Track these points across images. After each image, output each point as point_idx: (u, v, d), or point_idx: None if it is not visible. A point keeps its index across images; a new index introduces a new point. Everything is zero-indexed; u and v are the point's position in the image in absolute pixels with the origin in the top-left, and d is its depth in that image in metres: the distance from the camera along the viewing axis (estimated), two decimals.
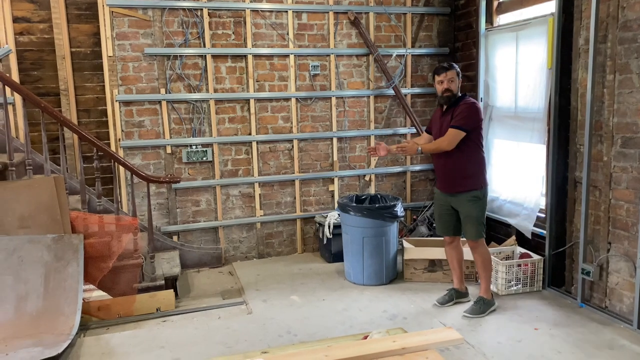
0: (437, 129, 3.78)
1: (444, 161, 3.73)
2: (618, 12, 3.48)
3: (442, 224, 3.93)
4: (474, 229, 3.72)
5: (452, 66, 3.70)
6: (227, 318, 3.83)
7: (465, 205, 3.70)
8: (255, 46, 4.92)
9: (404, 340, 2.64)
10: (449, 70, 3.66)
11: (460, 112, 3.60)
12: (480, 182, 3.71)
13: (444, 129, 3.67)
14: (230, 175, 5.02)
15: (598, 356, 3.10)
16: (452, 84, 3.66)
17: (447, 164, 3.72)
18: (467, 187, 3.67)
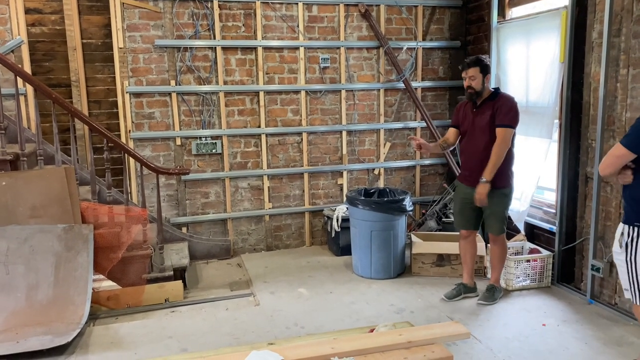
0: (468, 125, 3.75)
1: (478, 156, 3.68)
2: (633, 5, 3.42)
3: (463, 218, 3.91)
4: (499, 224, 3.76)
5: (475, 62, 3.62)
6: (234, 309, 3.85)
7: (492, 201, 3.67)
8: (265, 38, 4.91)
9: (411, 334, 2.65)
10: (470, 68, 3.62)
11: (505, 108, 3.58)
12: (509, 180, 3.71)
13: (480, 125, 3.65)
14: (240, 168, 5.03)
15: (606, 353, 3.08)
16: (473, 82, 3.63)
17: (481, 160, 3.65)
18: (498, 183, 3.65)
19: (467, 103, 3.82)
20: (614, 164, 2.49)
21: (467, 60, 3.68)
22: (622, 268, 2.61)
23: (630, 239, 2.52)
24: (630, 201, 2.54)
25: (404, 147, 5.52)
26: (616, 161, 2.48)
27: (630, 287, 2.58)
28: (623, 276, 2.63)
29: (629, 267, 2.55)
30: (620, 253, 2.60)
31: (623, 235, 2.57)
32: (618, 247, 2.60)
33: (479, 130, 3.68)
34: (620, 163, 2.47)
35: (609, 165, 2.51)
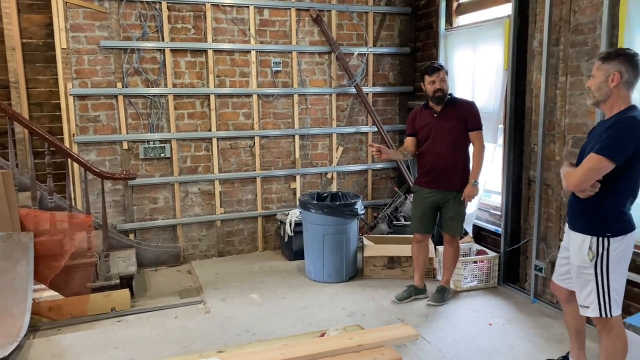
0: (430, 130, 3.79)
1: (446, 159, 3.77)
2: (570, 15, 3.59)
3: (422, 222, 3.94)
4: (459, 226, 3.90)
5: (443, 66, 3.82)
6: (184, 317, 3.76)
7: (456, 203, 3.80)
8: (215, 41, 4.84)
9: (360, 337, 2.65)
10: (441, 70, 3.75)
11: (474, 113, 3.77)
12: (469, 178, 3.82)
13: (445, 128, 3.73)
14: (190, 172, 4.93)
15: (548, 350, 3.19)
16: (444, 84, 3.74)
17: (448, 163, 3.77)
18: (462, 187, 3.77)
19: (422, 110, 3.89)
20: (593, 177, 2.35)
21: (436, 65, 3.79)
22: (589, 282, 2.45)
23: (603, 249, 2.41)
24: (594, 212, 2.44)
25: (356, 152, 5.56)
26: (597, 174, 2.34)
27: (598, 300, 2.43)
28: (587, 291, 2.47)
29: (600, 280, 2.42)
30: (587, 267, 2.45)
31: (591, 249, 2.42)
32: (585, 261, 2.44)
33: (444, 134, 3.75)
34: (600, 175, 2.35)
35: (587, 179, 2.35)
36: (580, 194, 2.44)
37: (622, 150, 2.30)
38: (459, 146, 3.76)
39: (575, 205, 2.55)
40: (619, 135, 2.31)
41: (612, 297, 2.43)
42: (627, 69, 2.36)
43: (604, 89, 2.41)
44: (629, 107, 2.41)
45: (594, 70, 2.46)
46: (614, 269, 2.42)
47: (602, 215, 2.43)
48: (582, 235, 2.49)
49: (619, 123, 2.35)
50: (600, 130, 2.42)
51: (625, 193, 2.42)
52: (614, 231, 2.42)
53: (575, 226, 2.56)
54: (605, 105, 2.46)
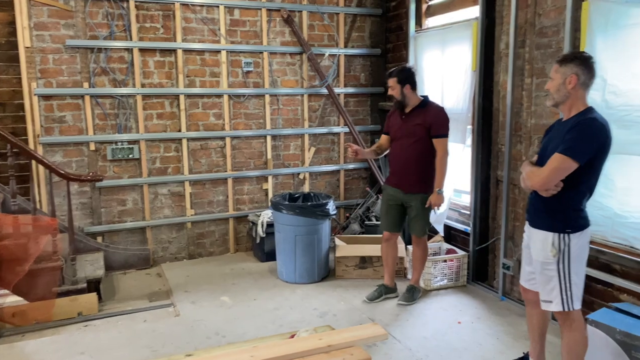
0: (397, 131, 3.87)
1: (406, 161, 3.82)
2: (535, 18, 3.66)
3: (387, 220, 4.01)
4: (421, 226, 3.92)
5: (392, 74, 3.81)
6: (153, 321, 3.70)
7: (418, 204, 3.83)
8: (185, 41, 4.79)
9: (330, 338, 2.65)
10: (389, 78, 3.81)
11: (440, 119, 3.75)
12: (432, 185, 3.82)
13: (408, 131, 3.78)
14: (159, 174, 4.86)
15: (516, 347, 3.25)
16: (392, 91, 3.80)
17: (408, 165, 3.81)
18: (425, 189, 3.81)
19: (396, 110, 3.92)
20: (558, 177, 2.42)
21: (392, 70, 3.84)
22: (552, 278, 2.52)
23: (565, 245, 2.48)
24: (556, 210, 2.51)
25: (328, 152, 5.57)
26: (562, 174, 2.41)
27: (560, 294, 2.50)
28: (550, 286, 2.54)
29: (562, 275, 2.49)
30: (550, 263, 2.52)
31: (554, 245, 2.50)
32: (548, 257, 2.51)
33: (407, 136, 3.80)
34: (564, 175, 2.41)
35: (553, 178, 2.42)
36: (544, 193, 2.50)
37: (585, 151, 2.38)
38: (420, 150, 3.75)
39: (536, 203, 2.61)
40: (582, 137, 2.39)
41: (573, 291, 2.51)
42: (583, 71, 2.45)
43: (562, 91, 2.49)
44: (587, 108, 2.49)
45: (552, 73, 2.54)
46: (574, 263, 2.50)
47: (563, 212, 2.50)
48: (544, 233, 2.55)
49: (581, 124, 2.41)
50: (562, 131, 2.49)
51: (585, 191, 2.51)
52: (574, 227, 2.49)
53: (536, 224, 2.62)
54: (564, 107, 2.54)
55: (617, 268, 3.21)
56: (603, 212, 3.21)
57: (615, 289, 3.24)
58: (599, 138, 2.40)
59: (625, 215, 3.09)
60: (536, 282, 2.69)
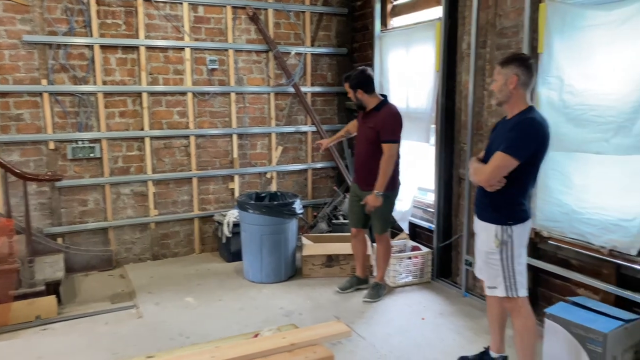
0: (358, 130, 4.01)
1: (364, 161, 3.91)
2: (495, 19, 3.73)
3: (352, 216, 4.12)
4: (380, 223, 3.96)
5: (346, 79, 3.96)
6: (115, 323, 3.63)
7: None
8: (148, 38, 4.70)
9: (294, 336, 2.64)
10: (344, 83, 3.99)
11: (388, 124, 3.75)
12: (391, 185, 3.86)
13: (364, 133, 3.87)
14: (121, 173, 4.76)
15: (477, 342, 3.30)
16: (350, 95, 3.91)
17: (366, 165, 3.88)
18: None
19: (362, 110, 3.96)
20: (501, 174, 2.55)
21: (350, 73, 3.95)
22: (496, 267, 2.67)
23: (507, 236, 2.61)
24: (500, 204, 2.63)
25: (295, 151, 5.56)
26: (504, 171, 2.54)
27: (504, 282, 2.65)
28: (495, 274, 2.68)
29: (506, 264, 2.63)
30: (494, 253, 2.66)
31: (497, 237, 2.63)
32: (492, 247, 2.66)
33: (364, 137, 3.89)
34: (506, 172, 2.54)
35: (495, 176, 2.55)
36: (489, 188, 2.63)
37: (525, 149, 2.52)
38: (373, 151, 3.79)
39: (482, 197, 2.74)
40: (521, 136, 2.54)
41: (517, 279, 2.66)
42: (522, 72, 2.59)
43: (504, 91, 2.63)
44: (527, 108, 2.63)
45: (495, 74, 2.67)
46: (516, 253, 2.64)
47: (506, 206, 2.65)
48: (488, 225, 2.69)
49: (521, 124, 2.56)
50: (504, 130, 2.63)
51: (526, 186, 2.65)
52: (516, 219, 2.64)
53: (482, 216, 2.77)
54: (508, 106, 2.68)
55: (575, 263, 3.31)
56: (561, 208, 3.29)
57: (573, 283, 3.33)
58: (537, 137, 2.54)
59: (582, 212, 3.18)
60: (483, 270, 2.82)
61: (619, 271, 3.02)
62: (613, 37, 2.90)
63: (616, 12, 2.87)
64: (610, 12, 2.91)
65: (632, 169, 2.90)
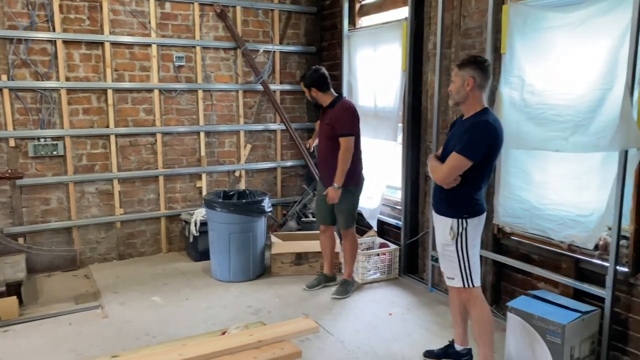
0: (320, 128, 4.04)
1: (324, 158, 3.99)
2: (460, 20, 3.81)
3: (319, 213, 4.18)
4: (346, 220, 4.01)
5: (301, 78, 4.04)
6: (79, 324, 3.56)
7: (340, 198, 3.89)
8: (113, 33, 4.62)
9: (261, 333, 2.65)
10: (300, 83, 4.03)
11: (342, 119, 3.82)
12: (353, 180, 3.92)
13: (322, 130, 3.95)
14: (86, 171, 4.66)
15: (443, 336, 3.36)
16: (306, 94, 3.99)
17: (327, 161, 3.94)
18: (345, 183, 3.87)
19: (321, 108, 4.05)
20: (456, 173, 2.67)
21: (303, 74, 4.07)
22: (452, 258, 2.79)
23: (462, 229, 2.73)
24: (455, 199, 2.76)
25: (264, 149, 5.55)
26: (459, 171, 2.66)
27: (461, 272, 2.78)
28: (452, 265, 2.81)
29: (461, 255, 2.75)
30: (450, 245, 2.78)
31: (452, 229, 2.75)
32: (448, 239, 2.77)
33: (323, 134, 3.97)
34: (461, 172, 2.66)
35: (451, 175, 2.68)
36: (445, 186, 2.75)
37: (478, 150, 2.64)
38: (331, 147, 3.86)
39: (439, 193, 2.85)
40: (475, 138, 2.65)
41: (472, 269, 2.77)
42: (479, 74, 2.68)
43: (462, 92, 2.72)
44: (483, 109, 2.73)
45: (453, 76, 2.77)
46: (470, 244, 2.75)
47: (461, 201, 2.76)
48: (445, 218, 2.81)
49: (476, 126, 2.67)
50: (461, 130, 2.73)
51: (480, 184, 2.76)
52: (471, 213, 2.75)
53: (439, 210, 2.87)
54: (464, 106, 2.77)
55: (536, 258, 3.41)
56: (522, 205, 3.39)
57: (534, 277, 3.43)
58: (490, 138, 2.65)
59: (542, 208, 3.28)
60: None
61: (577, 265, 3.13)
62: (571, 39, 3.00)
63: (574, 14, 2.97)
64: (569, 14, 3.01)
65: (589, 166, 3.01)
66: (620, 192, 2.79)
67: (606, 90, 2.83)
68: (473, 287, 2.79)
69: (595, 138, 2.88)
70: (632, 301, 2.90)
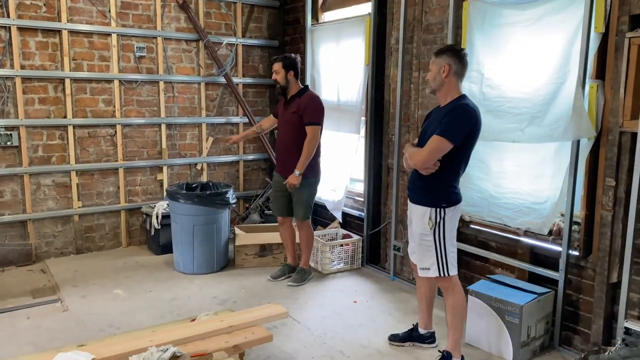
0: (280, 118, 4.07)
1: (285, 148, 4.01)
2: (422, 16, 3.93)
3: (277, 205, 4.20)
4: (302, 210, 4.05)
5: (278, 59, 4.00)
6: (38, 317, 3.45)
7: (297, 189, 3.95)
8: (71, 21, 4.49)
9: (231, 319, 2.68)
10: (275, 62, 3.97)
11: (311, 108, 3.89)
12: (314, 171, 4.00)
13: (287, 119, 3.97)
14: (42, 163, 4.52)
15: (406, 321, 3.46)
16: (277, 76, 3.94)
17: (290, 150, 3.95)
18: (304, 174, 3.92)
19: (282, 97, 4.07)
20: (436, 156, 2.64)
21: (277, 56, 4.00)
22: (429, 247, 2.76)
23: (440, 218, 2.74)
24: (434, 187, 2.75)
25: (227, 142, 5.51)
26: (439, 153, 2.64)
27: (437, 262, 2.76)
28: (428, 255, 2.78)
29: (438, 245, 2.75)
30: (428, 234, 2.76)
31: (431, 219, 2.73)
32: (426, 229, 2.75)
33: (287, 123, 4.00)
34: (441, 154, 2.64)
35: (432, 158, 2.64)
36: (424, 172, 2.74)
37: (459, 133, 2.66)
38: (296, 137, 3.91)
39: (416, 181, 2.85)
40: (456, 120, 2.67)
41: (449, 259, 2.78)
42: (455, 62, 2.75)
43: (438, 79, 2.78)
44: (460, 96, 2.79)
45: (430, 64, 2.83)
46: (448, 235, 2.78)
47: (439, 189, 2.77)
48: (423, 208, 2.80)
49: (456, 110, 2.71)
50: (439, 116, 2.76)
51: (458, 170, 2.79)
52: (449, 202, 2.78)
53: (416, 200, 2.87)
54: (441, 94, 2.82)
55: (493, 245, 3.57)
56: (480, 194, 3.54)
57: (491, 263, 3.59)
58: (470, 122, 2.69)
59: (499, 197, 3.44)
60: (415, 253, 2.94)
61: (532, 251, 3.30)
62: (527, 35, 3.16)
63: (530, 11, 3.14)
64: (525, 11, 3.17)
65: (543, 156, 3.18)
66: (573, 180, 2.96)
67: (560, 84, 3.01)
68: (449, 276, 2.79)
69: (549, 129, 3.05)
70: (582, 283, 3.09)
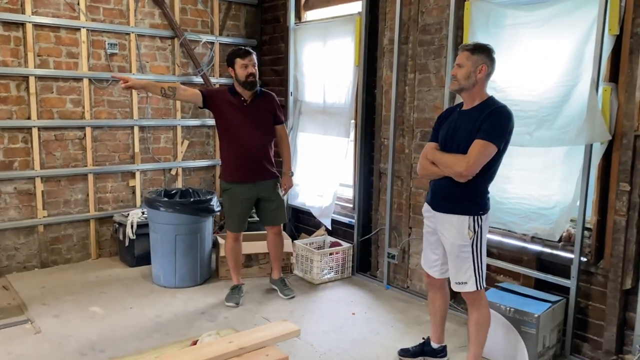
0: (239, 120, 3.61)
1: (258, 151, 3.67)
2: (418, 16, 3.81)
3: (240, 220, 3.75)
4: (284, 213, 3.96)
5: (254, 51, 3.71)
6: (7, 342, 3.08)
7: (275, 192, 3.78)
8: (36, 14, 4.11)
9: (240, 340, 2.43)
10: (253, 55, 3.63)
11: (278, 107, 3.79)
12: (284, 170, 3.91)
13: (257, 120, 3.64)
14: (3, 168, 4.10)
15: (410, 333, 3.33)
16: (255, 68, 3.60)
17: (260, 154, 3.68)
18: (275, 175, 3.78)
19: (229, 93, 3.66)
20: (483, 162, 2.48)
21: (248, 48, 3.66)
22: (468, 259, 2.58)
23: (478, 226, 2.56)
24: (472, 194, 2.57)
25: (203, 146, 5.23)
26: (486, 160, 2.48)
27: (475, 274, 2.58)
28: (465, 267, 2.59)
29: (477, 255, 2.57)
30: (466, 245, 2.57)
31: (470, 228, 2.55)
32: (465, 239, 2.56)
33: (255, 125, 3.64)
34: (487, 160, 2.48)
35: (479, 164, 2.48)
36: (461, 179, 2.54)
37: (502, 137, 2.51)
38: (270, 138, 3.77)
39: (449, 189, 2.62)
40: (500, 123, 2.51)
41: (483, 270, 2.62)
42: (490, 63, 2.59)
43: (472, 79, 2.56)
44: (490, 97, 2.64)
45: (463, 60, 2.58)
46: (484, 243, 2.63)
47: (476, 196, 2.60)
48: (459, 217, 2.59)
49: (498, 113, 2.53)
50: (472, 119, 2.55)
51: (493, 175, 2.63)
52: (485, 209, 2.62)
53: (448, 208, 2.64)
54: (468, 94, 2.61)
55: (495, 251, 3.47)
56: None
57: (492, 270, 3.49)
58: (511, 125, 2.55)
59: (504, 202, 3.35)
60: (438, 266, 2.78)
61: (539, 257, 3.22)
62: (535, 37, 3.09)
63: (538, 12, 3.07)
64: (532, 12, 3.10)
65: (552, 160, 3.12)
66: (586, 185, 2.90)
67: (571, 86, 2.95)
68: (482, 289, 2.63)
69: (560, 132, 2.98)
70: (592, 289, 3.04)
